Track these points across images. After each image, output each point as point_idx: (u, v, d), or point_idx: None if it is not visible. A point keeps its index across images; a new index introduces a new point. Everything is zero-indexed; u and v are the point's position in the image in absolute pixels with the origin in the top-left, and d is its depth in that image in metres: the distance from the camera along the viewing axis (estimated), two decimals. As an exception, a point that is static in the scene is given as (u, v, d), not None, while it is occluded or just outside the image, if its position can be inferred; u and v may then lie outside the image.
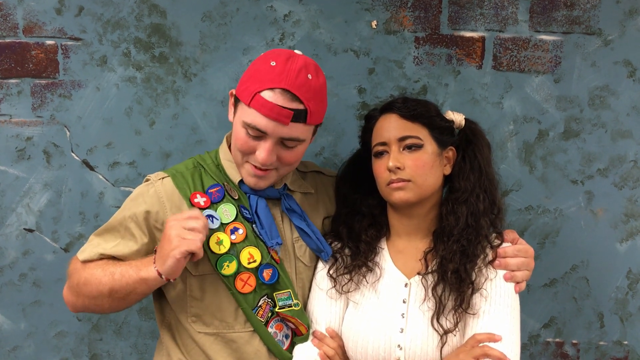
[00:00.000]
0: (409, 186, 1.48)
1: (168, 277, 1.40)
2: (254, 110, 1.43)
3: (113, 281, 1.44)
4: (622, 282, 1.94)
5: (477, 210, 1.50)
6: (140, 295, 1.47)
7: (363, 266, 1.54)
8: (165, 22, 1.84)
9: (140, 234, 1.50)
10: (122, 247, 1.51)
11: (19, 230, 1.88)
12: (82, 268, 1.51)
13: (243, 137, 1.47)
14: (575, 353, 1.97)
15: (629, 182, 1.91)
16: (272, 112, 1.41)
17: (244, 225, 1.51)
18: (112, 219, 1.55)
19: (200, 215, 1.42)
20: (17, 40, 1.82)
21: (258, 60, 1.48)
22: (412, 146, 1.49)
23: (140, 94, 1.86)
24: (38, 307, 1.91)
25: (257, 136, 1.45)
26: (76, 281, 1.50)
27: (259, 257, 1.49)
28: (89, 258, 1.51)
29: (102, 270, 1.47)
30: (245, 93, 1.45)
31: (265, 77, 1.42)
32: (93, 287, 1.47)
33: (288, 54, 1.46)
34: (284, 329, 1.54)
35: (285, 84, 1.41)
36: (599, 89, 1.88)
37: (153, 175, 1.57)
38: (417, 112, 1.51)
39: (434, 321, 1.44)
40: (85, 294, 1.49)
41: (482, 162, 1.54)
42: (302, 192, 1.63)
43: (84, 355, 1.94)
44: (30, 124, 1.85)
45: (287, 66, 1.43)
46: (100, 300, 1.48)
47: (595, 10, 1.86)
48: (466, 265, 1.46)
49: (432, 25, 1.87)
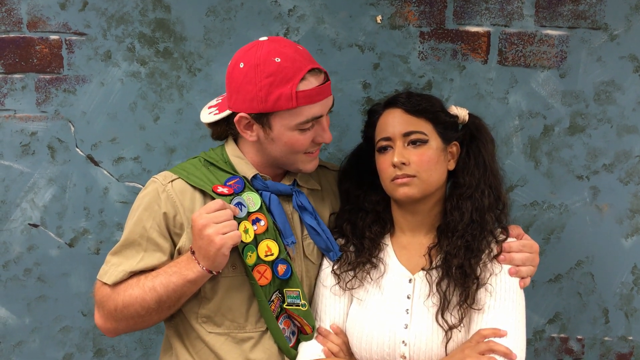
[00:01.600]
0: (414, 182, 1.47)
1: (217, 271, 1.42)
2: (305, 105, 1.42)
3: (158, 295, 1.42)
4: (627, 278, 1.94)
5: (482, 206, 1.49)
6: (189, 296, 1.47)
7: (367, 263, 1.53)
8: (169, 17, 1.83)
9: (164, 242, 1.47)
10: (149, 260, 1.47)
11: (23, 226, 1.88)
12: (114, 292, 1.46)
13: (301, 138, 1.46)
14: (580, 348, 1.97)
15: (634, 177, 1.90)
16: (320, 94, 1.43)
17: (266, 217, 1.49)
18: (128, 233, 1.49)
19: (224, 203, 1.42)
20: (21, 35, 1.82)
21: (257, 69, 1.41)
22: (416, 141, 1.48)
23: (145, 89, 1.85)
24: (43, 302, 1.91)
25: (311, 125, 1.46)
26: (113, 307, 1.45)
27: (277, 251, 1.48)
28: (116, 280, 1.46)
29: (140, 289, 1.43)
30: (282, 100, 1.40)
31: (287, 74, 1.40)
32: (137, 308, 1.44)
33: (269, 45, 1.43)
34: (291, 325, 1.54)
35: (305, 66, 1.42)
36: (605, 84, 1.87)
37: (160, 177, 1.51)
38: (422, 107, 1.50)
39: (438, 317, 1.44)
40: (129, 316, 1.45)
41: (486, 158, 1.54)
42: (309, 189, 1.62)
43: (88, 350, 1.94)
44: (34, 119, 1.85)
45: (288, 52, 1.42)
46: (148, 317, 1.46)
47: (601, 4, 1.85)
48: (471, 260, 1.45)
49: (437, 20, 1.86)
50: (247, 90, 1.42)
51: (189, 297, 1.46)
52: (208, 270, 1.40)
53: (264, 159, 1.53)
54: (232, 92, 1.47)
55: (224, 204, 1.41)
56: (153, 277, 1.44)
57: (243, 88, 1.43)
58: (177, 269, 1.43)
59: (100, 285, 1.49)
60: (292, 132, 1.44)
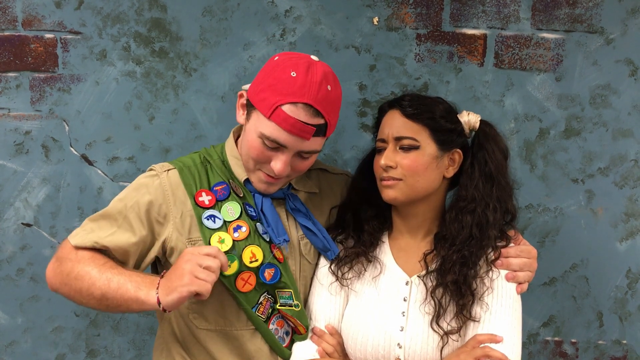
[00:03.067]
0: (398, 185, 1.47)
1: (166, 308, 1.36)
2: (274, 123, 1.39)
3: (108, 289, 1.40)
4: (622, 282, 1.94)
5: (485, 222, 1.46)
6: (129, 312, 1.44)
7: (362, 255, 1.53)
8: (165, 16, 1.83)
9: (139, 225, 1.47)
10: (117, 237, 1.47)
11: (16, 225, 1.87)
12: (76, 259, 1.46)
13: (259, 147, 1.44)
14: (574, 352, 1.97)
15: (629, 181, 1.91)
16: (295, 127, 1.39)
17: (248, 223, 1.50)
18: (110, 205, 1.51)
19: (218, 253, 1.39)
20: (16, 33, 1.81)
21: (276, 68, 1.43)
22: (408, 147, 1.47)
23: (140, 88, 1.85)
24: (35, 302, 1.90)
25: (274, 147, 1.43)
26: (67, 271, 1.45)
27: (261, 256, 1.48)
28: (81, 244, 1.46)
29: (99, 272, 1.42)
30: (264, 104, 1.41)
31: (286, 90, 1.39)
32: (84, 286, 1.43)
33: (307, 62, 1.41)
34: (284, 325, 1.53)
35: (307, 99, 1.38)
36: (601, 87, 1.87)
37: (158, 166, 1.54)
38: (419, 112, 1.48)
39: (433, 323, 1.43)
40: (74, 287, 1.44)
41: (493, 169, 1.49)
42: (306, 192, 1.62)
43: (81, 351, 1.93)
44: (28, 118, 1.84)
45: (308, 78, 1.39)
46: (86, 300, 1.44)
47: (598, 8, 1.85)
48: (467, 275, 1.43)
49: (433, 22, 1.86)
50: (259, 76, 1.47)
51: (128, 312, 1.44)
52: (159, 301, 1.36)
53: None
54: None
55: (218, 252, 1.39)
56: (117, 271, 1.42)
57: (260, 72, 1.47)
58: (140, 280, 1.40)
59: (67, 243, 1.50)
60: (256, 137, 1.44)
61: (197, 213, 1.49)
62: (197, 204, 1.49)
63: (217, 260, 1.37)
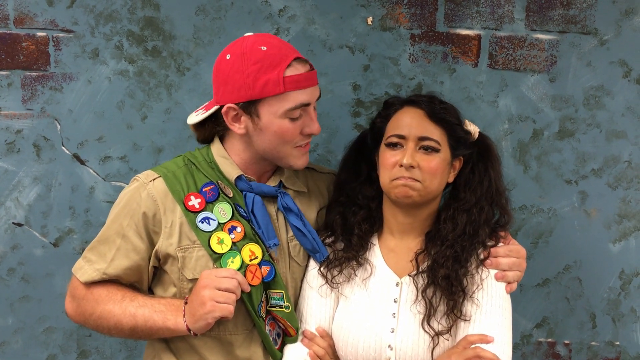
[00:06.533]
0: (416, 186, 1.45)
1: (196, 333, 1.40)
2: (292, 91, 1.42)
3: (135, 324, 1.44)
4: (615, 283, 1.94)
5: (478, 220, 1.49)
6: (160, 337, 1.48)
7: (353, 259, 1.53)
8: (158, 15, 1.82)
9: (139, 242, 1.47)
10: (121, 261, 1.47)
11: (7, 225, 1.86)
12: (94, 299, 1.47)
13: (290, 126, 1.45)
14: (567, 353, 1.96)
15: (622, 182, 1.91)
16: (308, 79, 1.45)
17: (242, 223, 1.49)
18: (105, 229, 1.50)
19: (235, 274, 1.41)
20: (7, 31, 1.80)
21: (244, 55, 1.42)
22: (428, 148, 1.47)
23: (133, 87, 1.84)
24: (26, 303, 1.89)
25: (299, 115, 1.45)
26: (89, 312, 1.48)
27: (260, 254, 1.48)
28: (90, 280, 1.47)
29: (120, 310, 1.44)
30: (270, 86, 1.41)
31: (274, 60, 1.42)
32: (110, 325, 1.46)
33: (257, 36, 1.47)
34: (276, 327, 1.53)
35: (293, 53, 1.45)
36: (594, 88, 1.87)
37: (142, 176, 1.51)
38: (443, 116, 1.49)
39: (424, 323, 1.43)
40: (100, 326, 1.49)
41: (493, 177, 1.54)
42: (295, 190, 1.61)
43: (72, 352, 1.92)
44: (20, 117, 1.82)
45: (276, 42, 1.45)
46: (116, 334, 1.49)
47: (592, 9, 1.85)
48: (458, 271, 1.44)
49: (428, 22, 1.86)
50: (235, 79, 1.43)
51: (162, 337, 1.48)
52: (188, 327, 1.40)
53: (251, 156, 1.52)
54: (219, 85, 1.47)
55: (235, 273, 1.41)
56: (139, 304, 1.44)
57: (230, 78, 1.43)
58: (165, 309, 1.43)
59: (76, 280, 1.50)
60: (282, 121, 1.44)
61: (190, 218, 1.48)
62: (187, 209, 1.48)
63: (235, 281, 1.39)
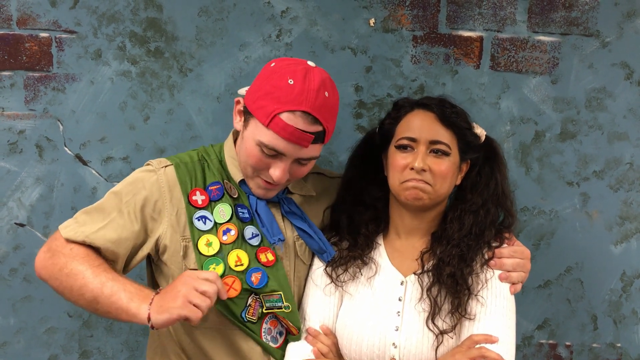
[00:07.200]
0: (427, 188, 1.46)
1: (154, 326, 1.34)
2: (273, 132, 1.39)
3: (100, 293, 1.38)
4: (616, 285, 1.94)
5: (484, 222, 1.50)
6: (116, 320, 1.42)
7: (358, 258, 1.53)
8: (161, 16, 1.82)
9: (133, 221, 1.46)
10: (108, 232, 1.44)
11: (9, 225, 1.86)
12: (70, 255, 1.42)
13: (257, 155, 1.43)
14: (568, 355, 1.97)
15: (624, 184, 1.91)
16: (293, 136, 1.39)
17: (237, 226, 1.49)
18: (105, 198, 1.49)
19: (216, 279, 1.37)
20: (10, 32, 1.80)
21: (273, 75, 1.42)
22: (439, 151, 1.48)
23: (135, 88, 1.84)
24: (28, 303, 1.89)
25: (273, 155, 1.42)
26: (60, 265, 1.42)
27: (247, 261, 1.47)
28: (72, 238, 1.44)
29: (92, 274, 1.39)
30: (262, 112, 1.40)
31: (284, 98, 1.38)
32: (75, 285, 1.40)
33: (304, 69, 1.41)
34: (277, 325, 1.53)
35: (306, 106, 1.38)
36: (596, 90, 1.88)
37: (155, 162, 1.53)
38: (454, 120, 1.50)
39: (429, 322, 1.43)
40: (65, 284, 1.42)
41: (499, 180, 1.54)
42: (302, 195, 1.61)
43: (74, 352, 1.92)
44: (22, 117, 1.83)
45: (305, 85, 1.39)
46: (75, 298, 1.42)
47: (594, 11, 1.85)
48: (463, 270, 1.45)
49: (430, 24, 1.86)
50: (256, 82, 1.46)
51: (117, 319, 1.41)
52: (149, 317, 1.34)
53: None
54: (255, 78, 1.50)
55: (217, 278, 1.37)
56: (112, 277, 1.39)
57: (257, 79, 1.47)
58: (134, 292, 1.38)
59: (59, 234, 1.47)
60: (254, 145, 1.43)
61: (189, 213, 1.49)
62: (190, 203, 1.48)
63: (215, 286, 1.35)
